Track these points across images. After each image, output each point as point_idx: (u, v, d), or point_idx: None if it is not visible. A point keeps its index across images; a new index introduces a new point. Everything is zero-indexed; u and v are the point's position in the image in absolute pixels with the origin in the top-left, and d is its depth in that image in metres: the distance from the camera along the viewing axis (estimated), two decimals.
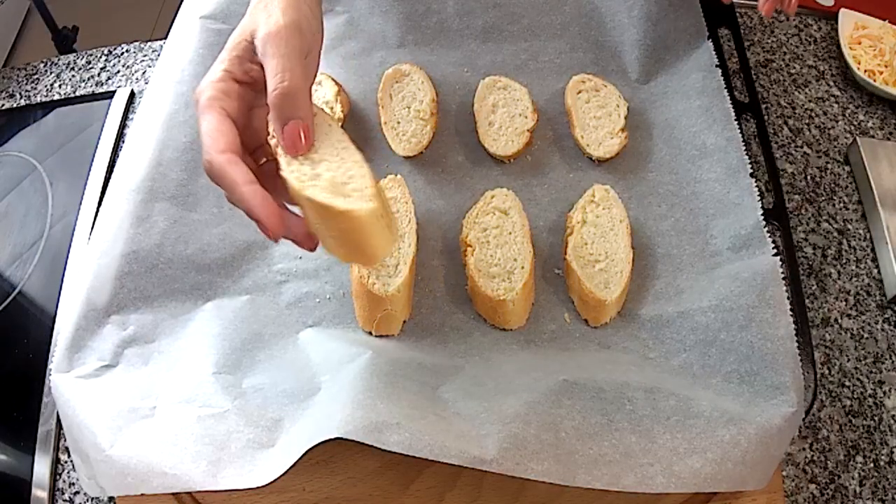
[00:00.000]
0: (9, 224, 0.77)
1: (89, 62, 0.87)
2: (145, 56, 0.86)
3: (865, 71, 0.76)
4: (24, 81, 0.87)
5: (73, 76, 0.86)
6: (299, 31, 0.48)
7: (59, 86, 0.86)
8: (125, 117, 0.81)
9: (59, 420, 0.62)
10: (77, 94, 0.85)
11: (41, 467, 0.61)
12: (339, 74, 0.74)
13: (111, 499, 0.59)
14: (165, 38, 0.76)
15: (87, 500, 0.60)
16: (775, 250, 0.58)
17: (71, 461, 0.60)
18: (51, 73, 0.87)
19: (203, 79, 0.49)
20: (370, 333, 0.61)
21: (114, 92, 0.82)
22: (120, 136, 0.79)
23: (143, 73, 0.85)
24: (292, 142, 0.47)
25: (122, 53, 0.87)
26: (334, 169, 0.47)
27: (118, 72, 0.86)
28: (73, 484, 0.61)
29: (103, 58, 0.87)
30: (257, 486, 0.49)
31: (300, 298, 0.63)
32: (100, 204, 0.72)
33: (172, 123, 0.67)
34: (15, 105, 0.85)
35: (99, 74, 0.86)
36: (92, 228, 0.68)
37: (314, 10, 0.52)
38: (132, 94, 0.82)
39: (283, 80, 0.46)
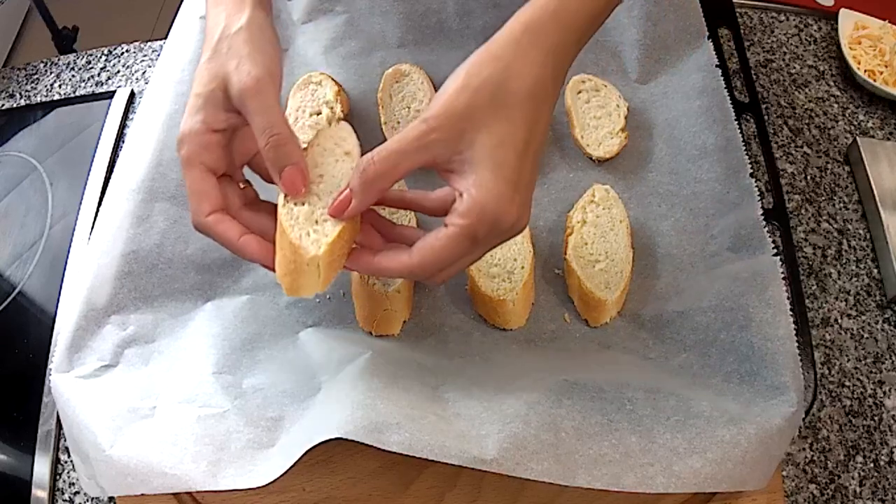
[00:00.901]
0: (9, 224, 0.77)
1: (89, 62, 0.87)
2: (145, 56, 0.86)
3: (865, 71, 0.76)
4: (24, 81, 0.87)
5: (73, 76, 0.86)
6: (272, 76, 0.48)
7: (59, 86, 0.86)
8: (125, 117, 0.81)
9: (59, 420, 0.62)
10: (77, 94, 0.85)
11: (41, 467, 0.61)
12: (339, 74, 0.74)
13: (111, 499, 0.59)
14: (165, 38, 0.76)
15: (87, 500, 0.60)
16: (775, 250, 0.58)
17: (71, 461, 0.60)
18: (51, 73, 0.87)
19: (182, 125, 0.49)
20: (370, 333, 0.61)
21: (114, 92, 0.82)
22: (120, 136, 0.79)
23: (143, 73, 0.85)
24: (292, 187, 0.49)
25: (122, 53, 0.87)
26: (320, 207, 0.50)
27: (118, 72, 0.86)
28: (73, 484, 0.61)
29: (103, 58, 0.87)
30: (257, 487, 0.49)
31: (300, 298, 0.63)
32: (100, 204, 0.72)
33: (172, 124, 0.67)
34: (15, 105, 0.85)
35: (99, 74, 0.86)
36: (92, 228, 0.68)
37: (273, 37, 0.51)
38: (132, 94, 0.82)
39: (272, 135, 0.47)
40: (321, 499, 0.56)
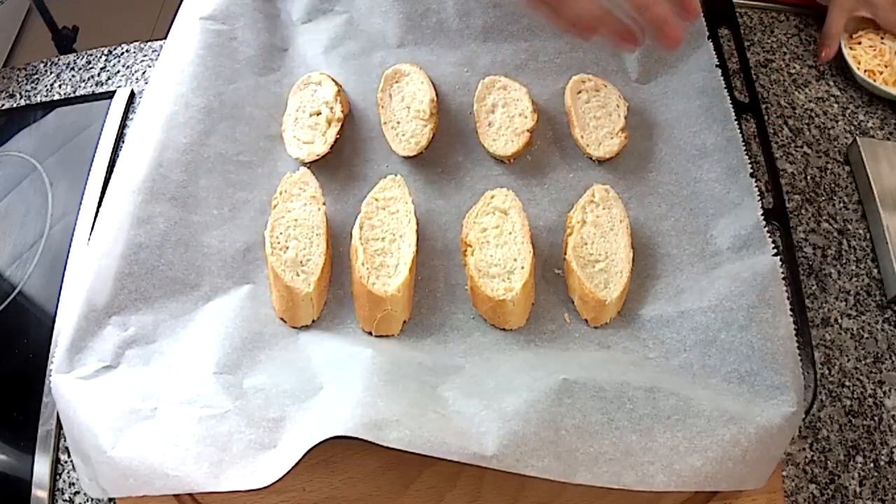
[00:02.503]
0: (9, 224, 0.77)
1: (89, 62, 0.87)
2: (145, 56, 0.86)
3: (865, 71, 0.76)
4: (24, 81, 0.87)
5: (73, 76, 0.86)
6: None
7: (59, 86, 0.86)
8: (125, 117, 0.81)
9: (59, 420, 0.62)
10: (77, 94, 0.85)
11: (41, 467, 0.61)
12: (339, 74, 0.74)
13: (111, 500, 0.59)
14: (165, 38, 0.76)
15: (87, 501, 0.60)
16: (775, 250, 0.58)
17: (71, 461, 0.60)
18: (51, 73, 0.87)
19: None
20: (370, 333, 0.61)
21: (114, 92, 0.82)
22: (120, 136, 0.79)
23: (143, 73, 0.85)
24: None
25: (122, 53, 0.87)
26: (300, 249, 0.61)
27: (118, 72, 0.86)
28: (73, 484, 0.61)
29: (103, 58, 0.87)
30: (259, 487, 0.49)
31: None
32: (100, 204, 0.72)
33: (172, 125, 0.67)
34: (15, 105, 0.85)
35: (99, 74, 0.86)
36: (92, 228, 0.68)
37: None
38: (132, 94, 0.82)
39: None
40: (321, 499, 0.56)
